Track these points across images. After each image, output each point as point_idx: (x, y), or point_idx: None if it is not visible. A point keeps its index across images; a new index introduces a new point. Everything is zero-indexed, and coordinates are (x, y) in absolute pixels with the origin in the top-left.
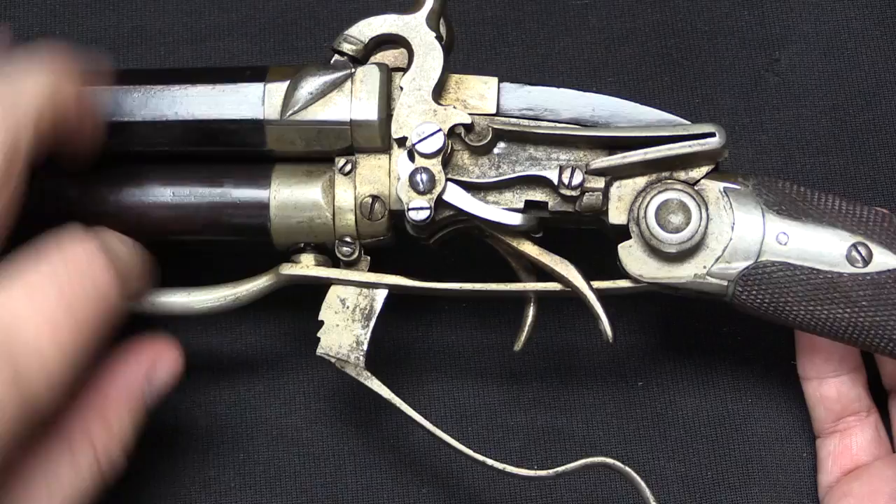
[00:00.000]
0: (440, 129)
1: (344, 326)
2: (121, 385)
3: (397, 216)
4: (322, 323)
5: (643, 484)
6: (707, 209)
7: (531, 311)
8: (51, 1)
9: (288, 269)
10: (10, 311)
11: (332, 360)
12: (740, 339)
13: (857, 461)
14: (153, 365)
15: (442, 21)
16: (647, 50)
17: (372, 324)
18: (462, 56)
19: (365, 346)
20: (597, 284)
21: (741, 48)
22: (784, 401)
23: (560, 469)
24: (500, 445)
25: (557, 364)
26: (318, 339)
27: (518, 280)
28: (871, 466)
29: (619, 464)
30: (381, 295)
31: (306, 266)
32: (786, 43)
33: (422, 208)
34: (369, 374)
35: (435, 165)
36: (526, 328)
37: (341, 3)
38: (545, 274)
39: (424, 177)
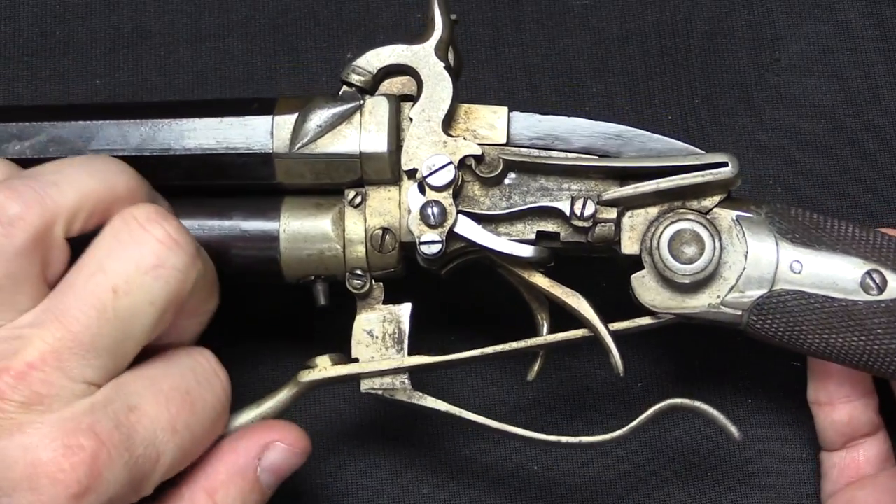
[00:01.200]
0: (451, 162)
1: (380, 357)
2: (230, 462)
3: (408, 248)
4: (357, 361)
5: (717, 413)
6: (720, 239)
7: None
8: (51, 2)
9: (307, 377)
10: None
11: (381, 393)
12: (741, 339)
13: (863, 473)
14: (267, 445)
15: (451, 48)
16: (647, 50)
17: (406, 345)
18: (463, 57)
19: (406, 377)
20: (613, 326)
21: (741, 48)
22: (784, 402)
23: (633, 424)
24: (499, 445)
25: (557, 364)
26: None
27: (530, 310)
28: (877, 478)
29: (686, 401)
30: (406, 314)
31: (324, 369)
32: (786, 43)
33: (433, 242)
34: (421, 394)
35: (446, 199)
36: (539, 360)
37: (342, 4)
38: (557, 306)
39: (436, 210)
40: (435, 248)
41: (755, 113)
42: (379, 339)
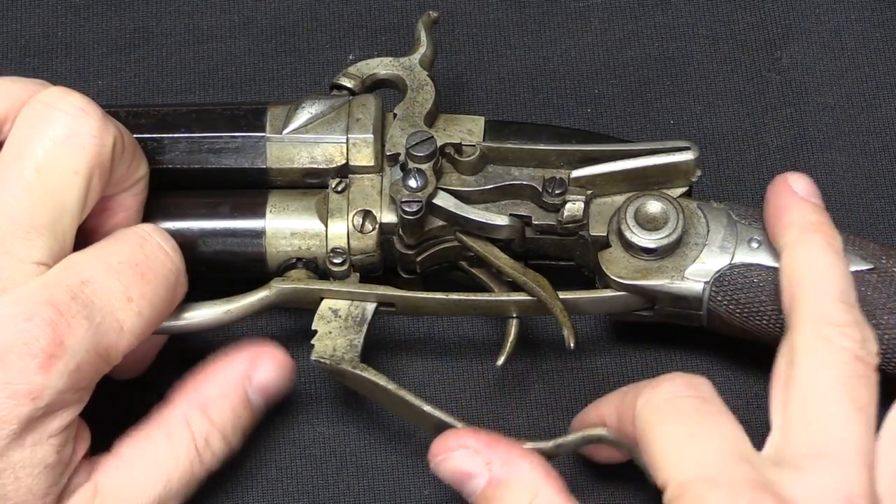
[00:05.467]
0: (433, 136)
1: (337, 333)
2: (220, 379)
3: (387, 231)
4: (315, 332)
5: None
6: (683, 212)
7: (513, 330)
8: (52, 2)
9: (280, 284)
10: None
11: (327, 363)
12: (741, 347)
13: None
14: (254, 363)
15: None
16: (649, 53)
17: (365, 328)
18: (464, 58)
19: (359, 348)
20: (564, 294)
21: (743, 51)
22: None
23: (559, 440)
24: None
25: (558, 365)
26: (312, 347)
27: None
28: None
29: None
30: (371, 306)
31: (297, 279)
32: (787, 42)
33: (414, 201)
34: (365, 365)
35: (427, 169)
36: (508, 345)
37: (342, 5)
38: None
39: (417, 175)
40: (415, 207)
41: (758, 115)
42: (342, 318)
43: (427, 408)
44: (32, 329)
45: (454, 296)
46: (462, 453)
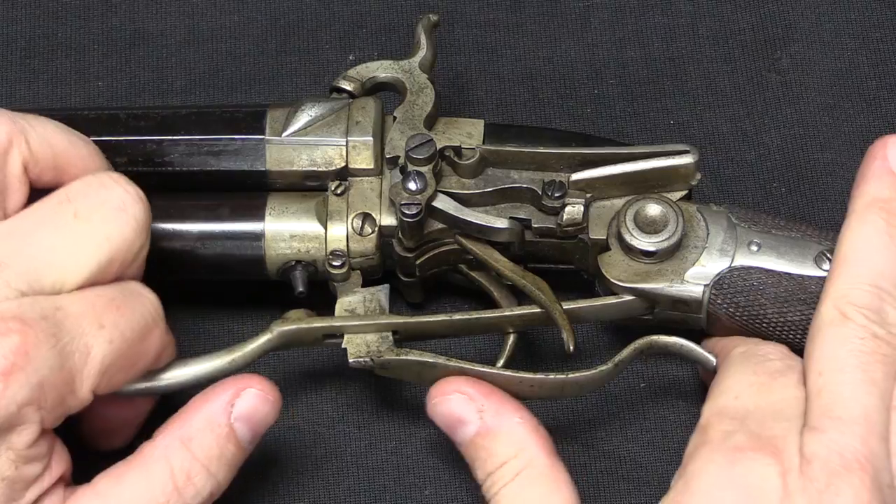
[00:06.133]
0: (432, 139)
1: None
2: (203, 413)
3: (386, 234)
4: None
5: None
6: (682, 215)
7: (510, 339)
8: (52, 3)
9: (281, 326)
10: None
11: (367, 361)
12: None
13: None
14: (237, 394)
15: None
16: (649, 53)
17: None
18: (464, 58)
19: (390, 335)
20: (567, 304)
21: (742, 51)
22: None
23: (616, 359)
24: None
25: (559, 366)
26: (346, 351)
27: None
28: None
29: (664, 337)
30: (385, 294)
31: (298, 320)
32: (787, 41)
33: (413, 204)
34: (406, 349)
35: (427, 172)
36: (507, 349)
37: (343, 5)
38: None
39: (416, 178)
40: (414, 209)
41: (758, 115)
42: (361, 315)
43: (486, 369)
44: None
45: (458, 316)
46: (457, 398)
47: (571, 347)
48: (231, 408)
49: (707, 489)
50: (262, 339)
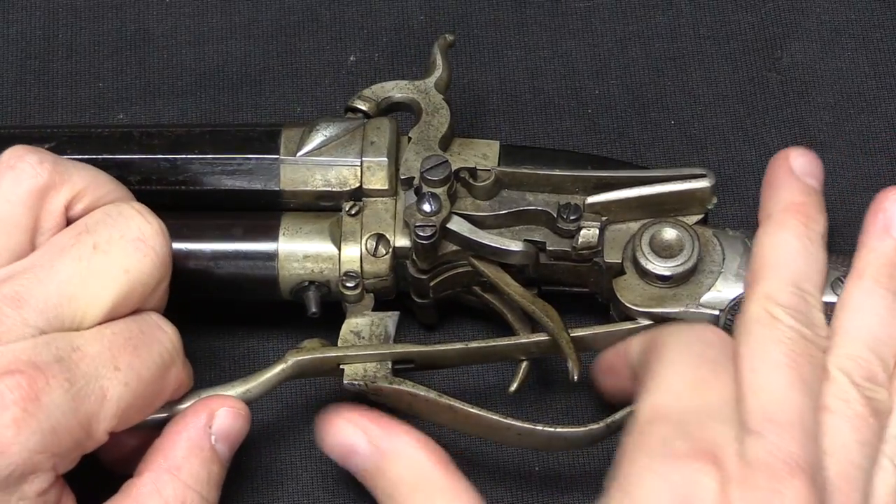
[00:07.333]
0: (447, 160)
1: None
2: (184, 440)
3: (400, 255)
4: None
5: None
6: (699, 239)
7: (524, 366)
8: (53, 4)
9: (295, 356)
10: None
11: (360, 384)
12: None
13: None
14: (211, 415)
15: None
16: (649, 53)
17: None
18: (465, 59)
19: (389, 364)
20: (575, 332)
21: (743, 51)
22: None
23: (608, 420)
24: (496, 448)
25: (560, 365)
26: (342, 372)
27: (513, 335)
28: None
29: None
30: (393, 321)
31: (312, 349)
32: (787, 41)
33: (428, 226)
34: (401, 379)
35: (442, 194)
36: (520, 377)
37: (344, 6)
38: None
39: (431, 199)
40: (429, 231)
41: (759, 115)
42: (365, 339)
43: (474, 410)
44: (9, 381)
45: (474, 344)
46: (344, 425)
47: (576, 377)
48: (210, 430)
49: (646, 498)
50: (277, 369)
